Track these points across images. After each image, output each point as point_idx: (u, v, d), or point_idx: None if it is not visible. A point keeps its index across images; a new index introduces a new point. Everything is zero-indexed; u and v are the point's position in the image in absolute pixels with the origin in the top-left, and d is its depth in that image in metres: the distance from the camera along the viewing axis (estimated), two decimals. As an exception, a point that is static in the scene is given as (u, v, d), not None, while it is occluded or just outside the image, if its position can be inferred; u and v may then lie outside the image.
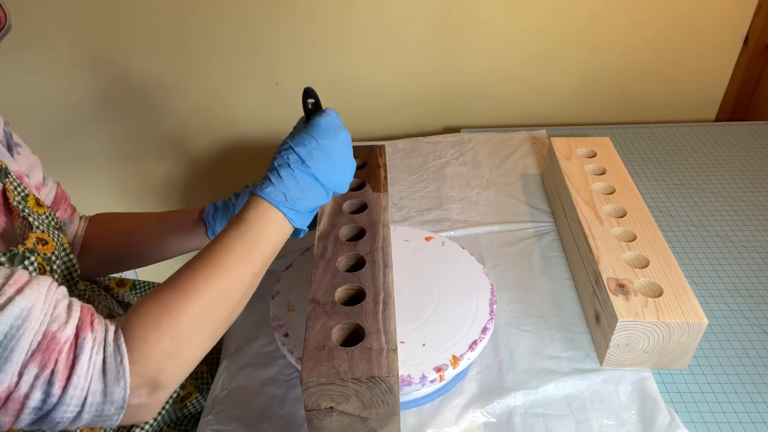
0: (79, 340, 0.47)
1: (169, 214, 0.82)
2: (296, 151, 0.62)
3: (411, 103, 1.31)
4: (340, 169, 0.65)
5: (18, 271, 0.49)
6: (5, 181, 0.62)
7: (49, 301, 0.48)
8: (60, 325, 0.47)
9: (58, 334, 0.47)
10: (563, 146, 0.98)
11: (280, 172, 0.61)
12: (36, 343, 0.45)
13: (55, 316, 0.47)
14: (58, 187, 0.77)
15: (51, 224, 0.66)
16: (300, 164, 0.62)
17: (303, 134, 0.63)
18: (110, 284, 0.88)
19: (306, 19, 1.18)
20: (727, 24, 1.22)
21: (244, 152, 1.38)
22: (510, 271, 0.87)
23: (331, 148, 0.63)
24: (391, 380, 0.52)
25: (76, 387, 0.46)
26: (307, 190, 0.62)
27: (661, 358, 0.71)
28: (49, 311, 0.47)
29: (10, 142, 0.70)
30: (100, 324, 0.50)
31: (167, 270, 1.64)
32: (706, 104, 1.34)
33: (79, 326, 0.48)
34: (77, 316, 0.49)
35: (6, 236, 0.59)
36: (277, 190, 0.60)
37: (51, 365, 0.46)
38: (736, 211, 0.98)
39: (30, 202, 0.63)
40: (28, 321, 0.46)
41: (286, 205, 0.60)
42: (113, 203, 1.44)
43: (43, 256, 0.61)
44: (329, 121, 0.65)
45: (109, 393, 0.47)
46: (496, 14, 1.19)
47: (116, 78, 1.25)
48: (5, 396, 0.45)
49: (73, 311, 0.49)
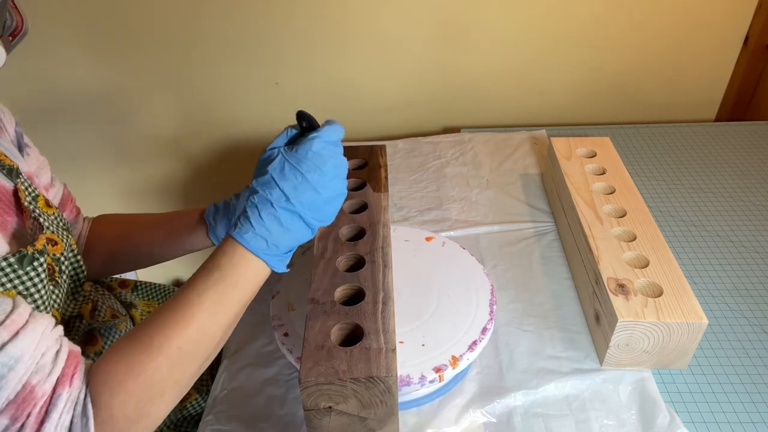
0: (54, 396, 0.47)
1: (170, 215, 0.82)
2: (280, 187, 0.55)
3: (411, 103, 1.31)
4: (328, 204, 0.58)
5: (19, 308, 0.49)
6: (17, 182, 0.62)
7: (39, 349, 0.48)
8: (42, 378, 0.47)
9: (37, 387, 0.47)
10: (563, 146, 0.98)
11: (261, 213, 0.55)
12: (15, 393, 0.46)
13: (40, 366, 0.47)
14: (64, 188, 0.77)
15: (60, 225, 0.66)
16: (284, 202, 0.55)
17: (287, 166, 0.56)
18: (113, 284, 0.88)
19: (306, 19, 1.18)
20: (727, 24, 1.22)
21: (244, 152, 1.39)
22: (510, 271, 0.87)
23: (319, 181, 0.56)
24: (389, 380, 0.52)
25: None
26: (291, 230, 0.56)
27: (661, 358, 0.71)
28: (36, 359, 0.47)
29: (21, 142, 0.70)
30: (79, 378, 0.49)
31: (168, 270, 1.64)
32: (706, 104, 1.34)
33: (58, 380, 0.48)
34: (60, 367, 0.49)
35: (17, 236, 0.59)
36: (257, 236, 0.54)
37: (22, 419, 0.46)
38: (736, 211, 0.98)
39: (40, 202, 0.63)
40: (14, 371, 0.46)
41: (267, 252, 0.55)
42: (113, 203, 1.44)
43: (52, 257, 0.61)
44: (319, 145, 0.56)
45: None
46: (497, 15, 1.19)
47: (116, 78, 1.25)
48: None
49: (58, 361, 0.49)
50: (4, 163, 0.62)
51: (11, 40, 0.59)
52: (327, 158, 0.56)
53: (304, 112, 0.59)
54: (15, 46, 0.60)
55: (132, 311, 0.83)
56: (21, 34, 0.60)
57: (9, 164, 0.62)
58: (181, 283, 1.62)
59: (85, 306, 0.71)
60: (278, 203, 0.55)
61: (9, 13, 0.58)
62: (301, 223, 0.56)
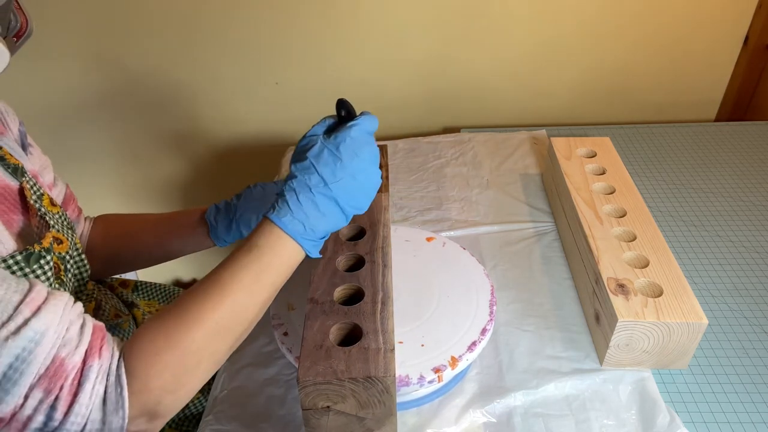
0: (86, 367, 0.48)
1: (171, 216, 0.82)
2: (319, 172, 0.56)
3: (411, 103, 1.31)
4: (365, 191, 0.59)
5: (36, 286, 0.49)
6: (22, 180, 0.62)
7: (63, 323, 0.48)
8: (70, 350, 0.48)
9: (67, 360, 0.47)
10: (563, 146, 0.98)
11: (300, 197, 0.55)
12: (45, 367, 0.46)
13: (66, 339, 0.48)
14: (67, 187, 0.77)
15: (65, 224, 0.66)
16: (322, 187, 0.56)
17: (326, 152, 0.57)
18: (114, 284, 0.88)
19: (306, 19, 1.18)
20: (727, 24, 1.22)
21: (244, 152, 1.39)
22: (510, 271, 0.87)
23: (356, 167, 0.57)
24: (387, 380, 0.52)
25: (77, 414, 0.47)
26: (327, 216, 0.57)
27: (661, 358, 0.71)
28: (61, 333, 0.48)
29: (24, 141, 0.71)
30: (108, 350, 0.50)
31: (168, 270, 1.64)
32: (706, 104, 1.34)
33: (87, 352, 0.48)
34: (87, 340, 0.49)
35: (23, 235, 0.59)
36: (295, 219, 0.55)
37: (56, 391, 0.46)
38: (736, 211, 0.98)
39: (45, 201, 0.64)
40: (41, 345, 0.46)
41: (304, 236, 0.56)
42: (114, 203, 1.44)
43: (58, 256, 0.61)
44: (358, 133, 0.58)
45: (107, 422, 0.48)
46: (496, 15, 1.19)
47: (117, 78, 1.25)
48: (10, 416, 0.45)
49: (84, 334, 0.49)
50: (9, 162, 0.62)
51: (15, 41, 0.59)
52: (364, 145, 0.58)
53: (344, 101, 0.61)
54: (20, 47, 0.60)
55: (134, 311, 0.84)
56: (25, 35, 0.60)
57: (14, 163, 0.62)
58: (181, 283, 1.62)
59: (88, 305, 0.71)
60: (316, 188, 0.56)
61: (13, 14, 0.58)
62: (337, 208, 0.57)
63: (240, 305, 0.53)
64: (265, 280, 0.55)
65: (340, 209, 0.57)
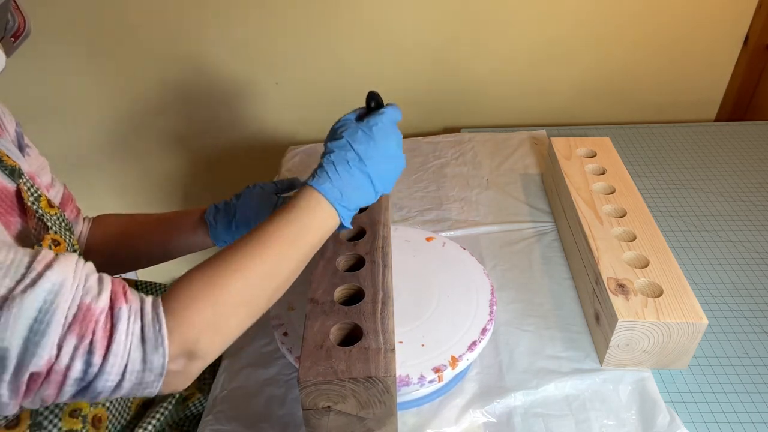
0: (115, 310, 0.47)
1: (171, 215, 0.82)
2: (354, 149, 0.61)
3: (411, 103, 1.31)
4: (393, 170, 0.64)
5: (43, 249, 0.49)
6: (19, 182, 0.62)
7: (79, 275, 0.48)
8: (93, 296, 0.47)
9: (93, 305, 0.47)
10: (563, 146, 0.98)
11: (338, 168, 0.60)
12: (72, 315, 0.46)
13: (87, 288, 0.47)
14: (64, 188, 0.77)
15: (62, 226, 0.66)
16: (357, 162, 0.60)
17: (361, 132, 0.62)
18: None
19: (306, 19, 1.18)
20: (727, 24, 1.22)
21: (244, 152, 1.39)
22: (510, 271, 0.87)
23: (386, 148, 0.62)
24: (388, 380, 0.52)
25: (116, 355, 0.46)
26: (360, 189, 0.61)
27: (661, 358, 0.71)
28: (81, 284, 0.47)
29: (21, 143, 0.70)
30: (134, 295, 0.50)
31: (168, 271, 1.64)
32: (706, 104, 1.34)
33: (112, 297, 0.48)
34: (109, 288, 0.49)
35: (21, 237, 0.58)
36: (334, 187, 0.59)
37: (89, 335, 0.46)
38: (736, 211, 0.98)
39: (42, 203, 0.63)
40: (61, 295, 0.46)
41: (341, 203, 0.60)
42: (113, 203, 1.44)
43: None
44: (387, 119, 0.64)
45: (148, 361, 0.47)
46: (497, 15, 1.19)
47: (116, 77, 1.25)
48: (47, 369, 0.45)
49: (104, 283, 0.49)
50: (6, 164, 0.61)
51: (13, 41, 0.59)
52: (393, 131, 0.64)
53: (375, 93, 0.68)
54: (17, 47, 0.60)
55: None
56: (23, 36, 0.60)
57: (11, 164, 0.62)
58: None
59: None
60: (353, 162, 0.60)
61: (11, 14, 0.58)
62: (369, 184, 0.61)
63: (281, 258, 0.56)
64: (304, 238, 0.58)
65: (371, 184, 0.62)
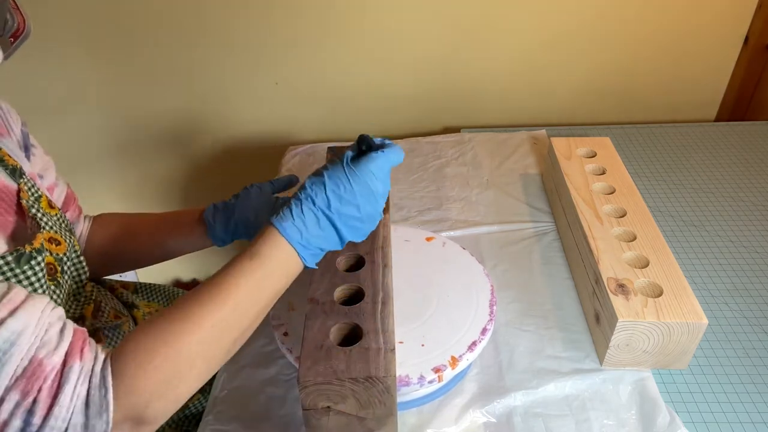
0: (66, 368, 0.46)
1: (170, 215, 0.82)
2: (327, 192, 0.57)
3: (411, 103, 1.31)
4: (363, 225, 0.59)
5: (15, 288, 0.48)
6: (20, 182, 0.62)
7: (42, 324, 0.47)
8: (49, 351, 0.46)
9: (45, 360, 0.46)
10: (563, 146, 0.98)
11: (303, 208, 0.57)
12: (21, 369, 0.45)
13: (45, 340, 0.47)
14: (68, 187, 0.77)
15: (63, 226, 0.66)
16: (325, 207, 0.57)
17: (343, 175, 0.58)
18: (114, 285, 0.88)
19: (306, 19, 1.18)
20: (727, 24, 1.22)
21: (244, 152, 1.39)
22: (510, 271, 0.87)
23: (363, 201, 0.58)
24: (388, 380, 0.52)
25: (57, 418, 0.45)
26: (324, 233, 0.57)
27: (661, 358, 0.71)
28: (40, 334, 0.47)
29: (27, 142, 0.70)
30: (91, 352, 0.48)
31: (168, 270, 1.64)
32: (706, 104, 1.34)
33: (68, 353, 0.47)
34: (68, 342, 0.48)
35: (16, 236, 0.58)
36: (294, 226, 0.56)
37: (34, 393, 0.45)
38: (736, 211, 0.98)
39: (43, 203, 0.63)
40: (17, 345, 0.45)
41: (300, 242, 0.56)
42: (113, 203, 1.44)
43: (55, 257, 0.61)
44: (377, 167, 0.59)
45: (90, 426, 0.46)
46: (497, 15, 1.19)
47: (116, 78, 1.25)
48: None
49: (64, 336, 0.48)
50: (7, 163, 0.62)
51: (12, 41, 0.58)
52: (379, 181, 0.59)
53: (365, 136, 0.62)
54: (16, 48, 0.59)
55: (134, 312, 0.83)
56: (23, 36, 0.59)
57: (12, 164, 0.62)
58: (181, 283, 1.62)
59: (87, 306, 0.70)
60: (321, 205, 0.57)
61: (10, 14, 0.57)
62: (333, 231, 0.58)
63: (236, 311, 0.53)
64: (263, 286, 0.55)
65: (336, 233, 0.58)
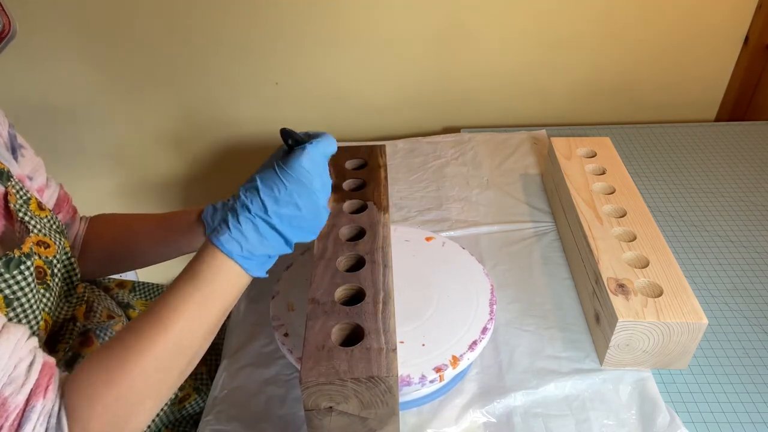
0: (28, 408, 0.47)
1: (169, 215, 0.82)
2: (261, 196, 0.55)
3: (411, 103, 1.31)
4: (308, 223, 0.58)
5: None
6: (7, 185, 0.61)
7: (12, 360, 0.47)
8: (15, 389, 0.46)
9: (10, 399, 0.46)
10: (563, 146, 0.98)
11: (239, 218, 0.55)
12: None
13: (13, 377, 0.47)
14: (60, 188, 0.77)
15: (53, 228, 0.65)
16: (262, 212, 0.55)
17: (275, 177, 0.56)
18: (110, 285, 0.88)
19: (306, 18, 1.18)
20: (727, 24, 1.22)
21: (243, 152, 1.38)
22: (510, 271, 0.87)
23: (302, 199, 0.56)
24: (390, 380, 0.52)
25: None
26: (267, 240, 0.56)
27: (661, 358, 0.71)
28: (9, 371, 0.47)
29: (14, 144, 0.70)
30: (53, 391, 0.49)
31: (167, 270, 1.64)
32: (706, 104, 1.34)
33: (32, 392, 0.47)
34: (34, 379, 0.48)
35: (5, 240, 0.58)
36: (232, 239, 0.54)
37: None
38: (736, 211, 0.98)
39: (32, 205, 0.63)
40: None
41: (240, 255, 0.55)
42: (112, 203, 1.44)
43: (44, 260, 0.60)
44: (307, 160, 0.56)
45: None
46: (497, 15, 1.18)
47: (115, 78, 1.25)
48: None
49: (31, 373, 0.48)
50: None
51: None
52: (314, 176, 0.57)
53: (286, 129, 0.60)
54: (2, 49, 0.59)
55: (129, 311, 0.83)
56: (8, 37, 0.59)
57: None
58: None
59: (78, 308, 0.70)
60: (257, 212, 0.55)
61: None
62: (276, 235, 0.56)
63: (181, 339, 0.52)
64: (207, 310, 0.54)
65: (280, 236, 0.56)
